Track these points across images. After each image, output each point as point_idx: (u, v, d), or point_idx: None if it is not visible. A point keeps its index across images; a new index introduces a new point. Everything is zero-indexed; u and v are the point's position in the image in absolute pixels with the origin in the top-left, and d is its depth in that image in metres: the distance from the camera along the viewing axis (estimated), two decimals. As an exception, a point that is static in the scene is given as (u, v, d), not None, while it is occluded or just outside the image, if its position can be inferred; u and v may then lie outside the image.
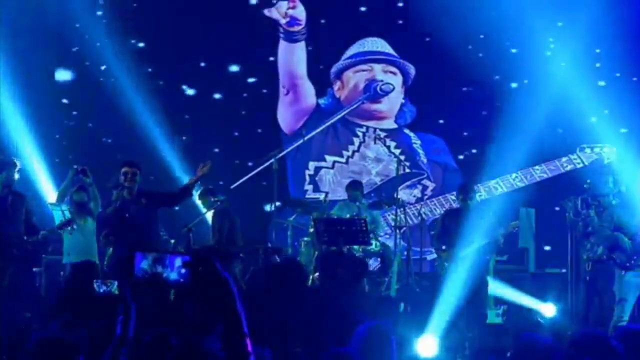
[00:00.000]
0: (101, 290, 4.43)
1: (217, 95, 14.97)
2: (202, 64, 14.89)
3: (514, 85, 14.24)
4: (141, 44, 14.91)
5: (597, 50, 13.82)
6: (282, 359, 5.80)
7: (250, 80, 14.94)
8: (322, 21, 14.79)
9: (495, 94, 14.09)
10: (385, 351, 5.00)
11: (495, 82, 14.06)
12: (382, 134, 14.83)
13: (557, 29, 13.83)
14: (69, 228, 10.45)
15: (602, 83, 13.74)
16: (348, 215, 11.88)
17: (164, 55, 14.72)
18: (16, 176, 10.56)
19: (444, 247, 10.80)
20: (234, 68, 14.89)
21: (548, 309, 10.26)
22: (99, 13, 14.71)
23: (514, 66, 13.92)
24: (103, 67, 14.67)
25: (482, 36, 13.92)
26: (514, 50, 14.12)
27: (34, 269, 11.74)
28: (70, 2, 14.20)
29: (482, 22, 13.55)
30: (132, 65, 14.41)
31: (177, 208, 11.73)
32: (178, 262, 2.84)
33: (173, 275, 2.85)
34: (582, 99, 13.20)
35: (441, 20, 13.44)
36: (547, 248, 13.57)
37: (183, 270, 2.82)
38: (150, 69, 14.73)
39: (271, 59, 14.85)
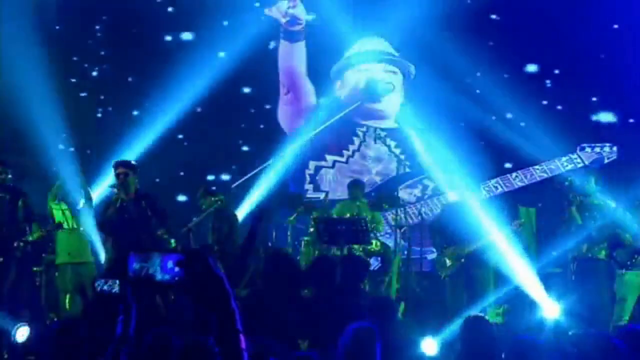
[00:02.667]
0: (102, 290, 4.42)
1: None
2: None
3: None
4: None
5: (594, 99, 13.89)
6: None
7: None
8: (322, 20, 14.79)
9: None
10: (369, 353, 5.01)
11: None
12: (383, 133, 14.83)
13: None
14: (59, 229, 10.57)
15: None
16: (348, 215, 11.88)
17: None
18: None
19: (445, 245, 10.79)
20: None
21: (553, 310, 10.27)
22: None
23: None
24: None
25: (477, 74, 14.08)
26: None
27: (35, 269, 11.80)
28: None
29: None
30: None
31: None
32: (170, 263, 2.86)
33: (166, 276, 2.86)
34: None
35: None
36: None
37: (176, 270, 2.84)
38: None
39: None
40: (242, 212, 13.45)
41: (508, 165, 14.11)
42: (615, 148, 13.64)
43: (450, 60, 13.94)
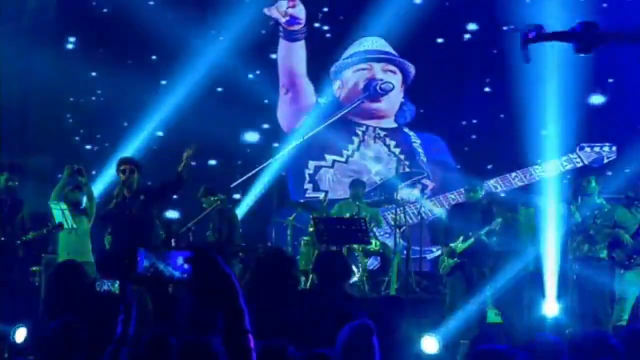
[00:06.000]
0: (102, 289, 4.39)
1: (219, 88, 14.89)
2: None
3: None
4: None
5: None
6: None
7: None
8: (322, 20, 14.79)
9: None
10: (367, 351, 5.01)
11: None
12: (382, 133, 14.83)
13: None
14: (61, 229, 10.61)
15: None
16: (348, 215, 11.86)
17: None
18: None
19: (448, 243, 10.78)
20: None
21: (552, 308, 10.28)
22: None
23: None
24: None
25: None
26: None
27: (33, 268, 11.80)
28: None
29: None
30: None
31: (175, 197, 11.72)
32: (180, 259, 2.84)
33: (176, 273, 2.84)
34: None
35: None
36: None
37: (185, 267, 2.81)
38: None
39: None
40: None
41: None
42: (614, 148, 13.65)
43: (452, 60, 13.98)
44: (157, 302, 7.36)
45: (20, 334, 7.86)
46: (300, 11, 14.58)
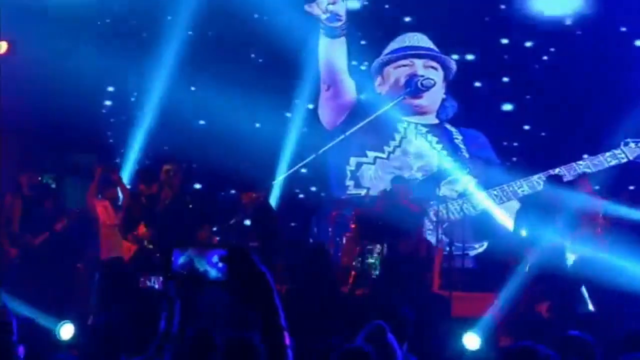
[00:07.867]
0: (146, 286, 4.43)
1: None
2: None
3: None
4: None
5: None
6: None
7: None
8: (363, 16, 14.78)
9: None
10: (384, 350, 5.10)
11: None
12: (424, 129, 14.78)
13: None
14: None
15: None
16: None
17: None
18: None
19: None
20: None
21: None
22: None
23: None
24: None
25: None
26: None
27: (77, 265, 11.93)
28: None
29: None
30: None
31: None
32: (215, 258, 2.85)
33: (212, 271, 2.86)
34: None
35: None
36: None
37: (220, 265, 2.83)
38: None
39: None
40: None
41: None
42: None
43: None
44: (194, 300, 7.40)
45: (67, 331, 7.93)
46: (341, 7, 14.56)
